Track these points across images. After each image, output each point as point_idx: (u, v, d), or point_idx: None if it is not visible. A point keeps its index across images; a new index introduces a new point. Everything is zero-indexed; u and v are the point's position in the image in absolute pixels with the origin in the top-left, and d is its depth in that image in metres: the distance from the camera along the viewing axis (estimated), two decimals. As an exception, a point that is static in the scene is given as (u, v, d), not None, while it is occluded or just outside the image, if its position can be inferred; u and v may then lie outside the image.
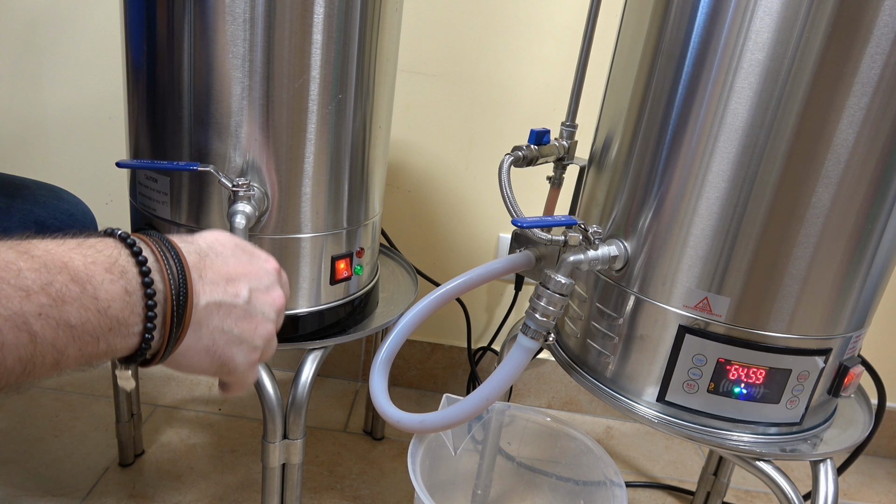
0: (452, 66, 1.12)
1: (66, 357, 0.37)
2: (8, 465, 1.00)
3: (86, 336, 0.38)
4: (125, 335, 0.40)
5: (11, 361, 0.35)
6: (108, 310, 0.39)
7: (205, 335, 0.45)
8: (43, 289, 0.36)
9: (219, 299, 0.46)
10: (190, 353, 0.45)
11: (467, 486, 0.93)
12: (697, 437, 0.66)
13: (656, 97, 0.63)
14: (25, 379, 0.37)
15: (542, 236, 0.71)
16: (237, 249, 0.49)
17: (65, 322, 0.37)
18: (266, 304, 0.49)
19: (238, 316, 0.47)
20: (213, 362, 0.47)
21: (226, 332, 0.47)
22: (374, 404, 0.74)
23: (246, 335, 0.48)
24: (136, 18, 0.69)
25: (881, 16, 0.53)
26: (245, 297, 0.47)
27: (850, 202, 0.58)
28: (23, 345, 0.35)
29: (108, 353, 0.40)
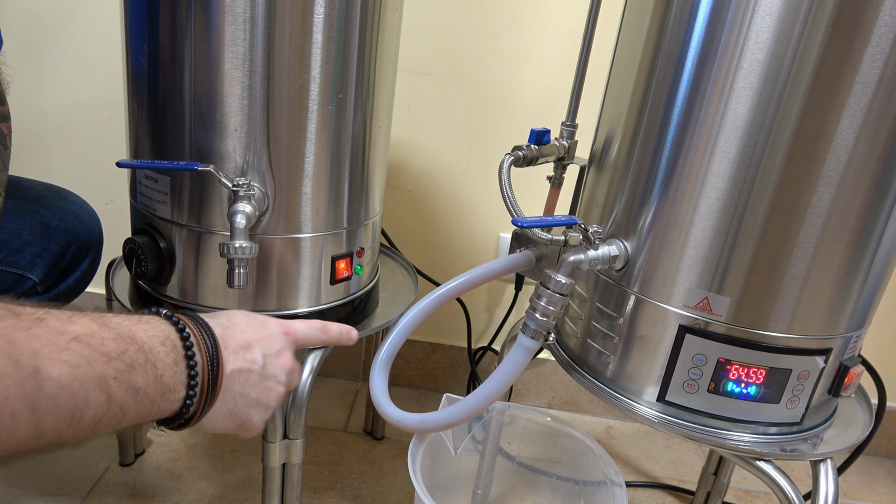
0: (452, 66, 1.12)
1: (125, 418, 0.43)
2: (8, 465, 1.00)
3: (145, 400, 0.44)
4: (171, 401, 0.46)
5: (89, 419, 0.40)
6: (163, 377, 0.45)
7: (228, 400, 0.52)
8: (119, 356, 0.42)
9: (240, 366, 0.52)
10: (216, 416, 0.52)
11: (467, 485, 0.93)
12: (697, 437, 0.66)
13: (656, 97, 0.63)
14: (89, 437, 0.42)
15: (543, 236, 0.71)
16: (249, 319, 0.56)
17: (133, 386, 0.42)
18: (277, 368, 0.56)
19: (254, 381, 0.54)
20: (234, 423, 0.53)
21: (245, 395, 0.53)
22: (375, 404, 0.74)
23: (261, 398, 0.54)
24: (137, 18, 0.69)
25: (881, 16, 0.53)
26: (260, 363, 0.54)
27: (851, 202, 0.58)
28: (101, 404, 0.40)
29: (155, 416, 0.47)
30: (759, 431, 0.67)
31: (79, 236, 0.84)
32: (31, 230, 0.79)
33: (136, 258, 0.74)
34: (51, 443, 0.39)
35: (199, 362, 0.48)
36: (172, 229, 0.73)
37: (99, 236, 0.88)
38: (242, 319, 0.55)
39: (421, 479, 0.71)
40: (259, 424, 0.55)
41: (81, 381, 0.39)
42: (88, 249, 0.86)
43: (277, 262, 0.74)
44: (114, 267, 0.87)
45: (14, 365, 0.36)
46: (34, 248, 0.79)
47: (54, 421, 0.38)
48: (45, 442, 0.38)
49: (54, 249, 0.81)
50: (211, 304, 0.74)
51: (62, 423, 0.38)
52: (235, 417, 0.53)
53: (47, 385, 0.37)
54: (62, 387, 0.38)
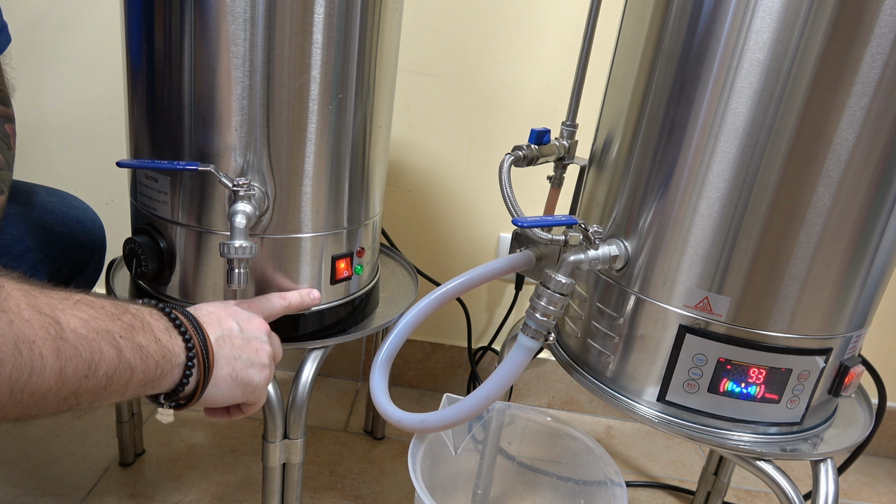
0: (452, 66, 1.12)
1: (134, 378, 0.46)
2: (8, 465, 1.00)
3: (150, 360, 0.47)
4: (173, 364, 0.50)
5: (102, 373, 0.43)
6: (160, 340, 0.49)
7: (224, 364, 0.56)
8: (120, 317, 0.46)
9: (221, 334, 0.57)
10: (220, 381, 0.55)
11: (468, 485, 0.93)
12: (698, 437, 0.66)
13: (656, 97, 0.63)
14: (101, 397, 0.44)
15: (543, 236, 0.71)
16: (211, 303, 0.61)
17: (138, 343, 0.46)
18: (255, 329, 0.61)
19: (240, 344, 0.58)
20: (238, 386, 0.57)
21: (237, 357, 0.57)
22: (375, 404, 0.74)
23: (253, 357, 0.59)
24: (137, 18, 0.69)
25: (881, 16, 0.53)
26: (237, 329, 0.59)
27: (851, 202, 0.58)
28: (112, 358, 0.43)
29: (160, 380, 0.50)
30: (759, 431, 0.67)
31: (82, 242, 0.84)
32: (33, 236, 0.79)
33: (136, 258, 0.74)
34: (70, 394, 0.41)
35: (188, 329, 0.52)
36: (172, 229, 0.73)
37: (102, 241, 0.88)
38: (205, 305, 0.60)
39: (421, 478, 0.71)
40: (262, 384, 0.59)
41: (95, 333, 0.42)
42: (91, 255, 0.86)
43: (277, 262, 0.74)
44: (114, 267, 0.87)
45: (38, 313, 0.39)
46: (37, 253, 0.79)
47: (75, 369, 0.41)
48: (66, 392, 0.41)
49: (57, 255, 0.81)
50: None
51: (80, 373, 0.41)
52: (238, 380, 0.57)
53: (67, 333, 0.40)
54: (80, 336, 0.41)
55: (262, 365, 0.59)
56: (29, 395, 0.39)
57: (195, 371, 0.52)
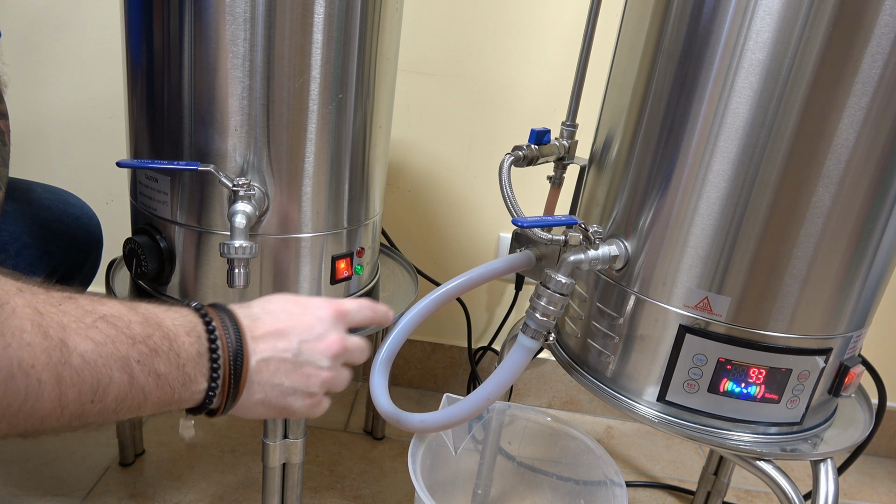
0: (452, 66, 1.12)
1: (147, 402, 0.44)
2: (8, 464, 1.00)
3: (166, 386, 0.44)
4: (193, 391, 0.47)
5: (111, 399, 0.41)
6: (185, 367, 0.45)
7: (257, 391, 0.51)
8: (144, 340, 0.43)
9: (268, 356, 0.51)
10: (248, 405, 0.51)
11: (468, 485, 0.93)
12: (698, 437, 0.66)
13: (656, 97, 0.63)
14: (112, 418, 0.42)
15: (543, 236, 0.71)
16: (288, 304, 0.55)
17: (155, 371, 0.43)
18: (317, 353, 0.53)
19: (287, 369, 0.52)
20: (271, 411, 0.53)
21: (276, 385, 0.52)
22: (375, 404, 0.74)
23: (298, 385, 0.53)
24: (137, 18, 0.69)
25: (881, 16, 0.53)
26: (294, 349, 0.52)
27: (851, 202, 0.58)
28: (123, 385, 0.41)
29: (176, 405, 0.47)
30: (759, 431, 0.67)
31: (79, 238, 0.84)
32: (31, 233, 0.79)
33: (136, 258, 0.74)
34: (74, 417, 0.40)
35: (222, 355, 0.48)
36: (173, 229, 0.73)
37: (99, 239, 0.88)
38: (280, 305, 0.54)
39: (421, 478, 0.71)
40: (302, 410, 0.54)
41: (106, 360, 0.40)
42: (89, 251, 0.86)
43: (278, 262, 0.74)
44: (114, 267, 0.87)
45: (42, 335, 0.37)
46: (34, 251, 0.79)
47: (78, 395, 0.39)
48: (68, 415, 0.39)
49: (55, 252, 0.81)
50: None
51: (85, 398, 0.39)
52: (270, 406, 0.52)
53: (73, 358, 0.38)
54: (87, 362, 0.39)
55: (306, 393, 0.53)
56: (25, 419, 0.37)
57: (216, 399, 0.48)
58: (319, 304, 0.55)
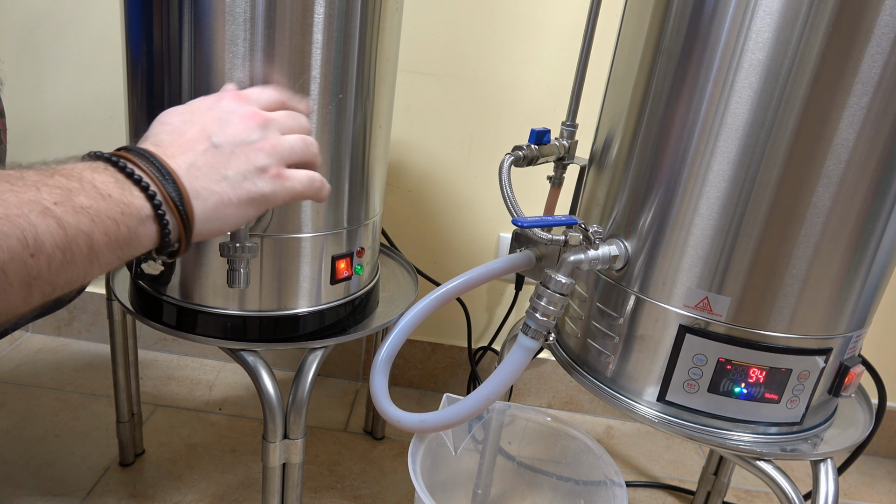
0: (452, 66, 1.12)
1: (96, 242, 0.40)
2: (8, 465, 1.00)
3: (104, 218, 0.41)
4: (139, 218, 0.44)
5: (50, 246, 0.38)
6: (111, 196, 0.42)
7: (207, 195, 0.47)
8: (46, 183, 0.39)
9: (191, 160, 0.48)
10: (213, 213, 0.48)
11: (468, 485, 0.93)
12: (698, 437, 0.66)
13: (656, 97, 0.63)
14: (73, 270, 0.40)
15: (543, 236, 0.71)
16: (180, 115, 0.51)
17: (80, 206, 0.40)
18: (237, 133, 0.50)
19: (221, 161, 0.49)
20: (241, 205, 0.49)
21: (222, 179, 0.48)
22: (375, 404, 0.74)
23: (243, 167, 0.49)
24: (136, 18, 0.69)
25: (882, 15, 0.53)
26: (213, 143, 0.49)
27: (851, 202, 0.58)
28: (54, 230, 0.38)
29: (136, 240, 0.44)
30: (759, 431, 0.67)
31: None
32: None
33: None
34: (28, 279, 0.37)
35: (143, 175, 0.45)
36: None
37: None
38: (174, 119, 0.51)
39: (421, 479, 0.71)
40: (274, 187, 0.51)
41: (16, 209, 0.37)
42: None
43: (277, 261, 0.74)
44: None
45: None
46: None
47: (9, 252, 0.36)
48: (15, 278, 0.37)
49: None
50: (211, 304, 0.74)
51: (20, 254, 0.37)
52: (236, 202, 0.49)
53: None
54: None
55: (258, 168, 0.50)
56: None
57: (170, 219, 0.45)
58: (209, 100, 0.53)
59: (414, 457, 0.74)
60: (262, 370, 0.74)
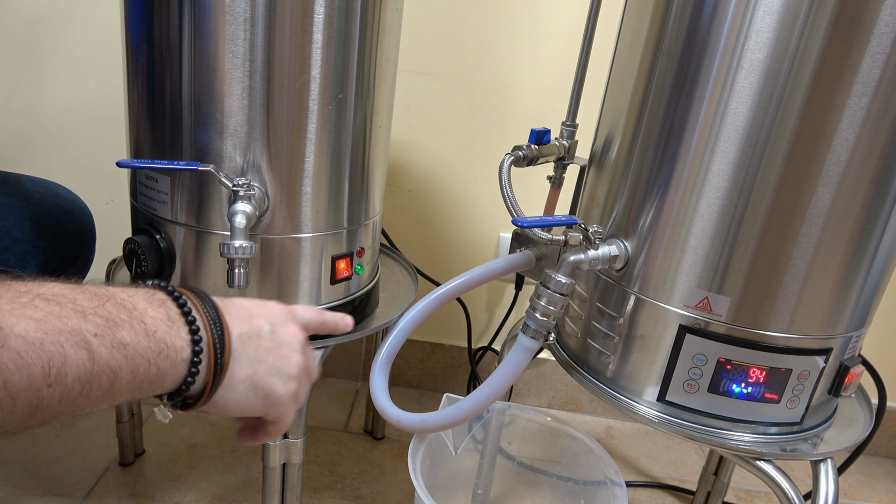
0: (452, 66, 1.12)
1: (119, 380, 0.39)
2: (8, 465, 1.00)
3: (138, 358, 0.40)
4: (174, 361, 0.42)
5: (72, 380, 0.37)
6: (156, 333, 0.41)
7: (245, 365, 0.48)
8: (96, 311, 0.39)
9: (248, 331, 0.48)
10: (235, 383, 0.47)
11: (468, 485, 0.93)
12: (698, 437, 0.66)
13: (656, 97, 0.63)
14: (84, 405, 0.38)
15: (543, 236, 0.71)
16: (247, 298, 0.53)
17: (119, 342, 0.39)
18: (289, 335, 0.52)
19: (267, 347, 0.50)
20: (258, 394, 0.49)
21: (262, 360, 0.49)
22: (375, 404, 0.74)
23: (280, 364, 0.50)
24: (137, 18, 0.69)
25: (881, 15, 0.53)
26: (268, 329, 0.50)
27: (851, 202, 0.58)
28: (83, 362, 0.37)
29: (159, 381, 0.42)
30: (759, 431, 0.67)
31: (70, 232, 0.83)
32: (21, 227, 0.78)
33: (136, 258, 0.74)
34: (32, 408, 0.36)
35: (198, 318, 0.44)
36: (172, 229, 0.73)
37: (91, 231, 0.87)
38: (238, 298, 0.53)
39: (421, 479, 0.71)
40: (285, 397, 0.51)
41: (53, 336, 0.36)
42: (81, 245, 0.85)
43: (277, 261, 0.74)
44: (114, 267, 0.87)
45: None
46: (25, 245, 0.78)
47: (27, 380, 0.35)
48: (24, 406, 0.35)
49: (46, 246, 0.80)
50: (211, 304, 0.74)
51: (39, 384, 0.35)
52: (257, 387, 0.49)
53: (10, 340, 0.35)
54: (30, 342, 0.35)
55: (288, 375, 0.51)
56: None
57: (203, 368, 0.44)
58: (275, 302, 0.54)
59: (414, 457, 0.74)
60: (262, 370, 0.74)
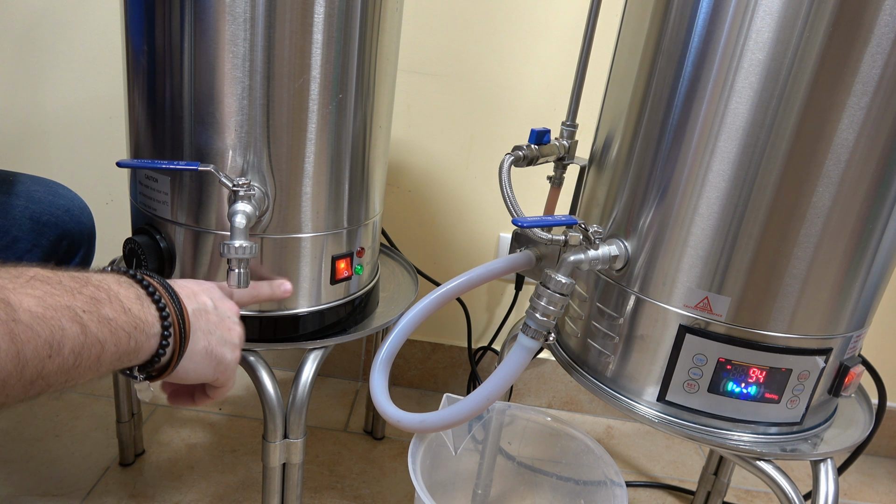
0: (452, 66, 1.12)
1: (105, 352, 0.44)
2: (8, 465, 1.00)
3: (120, 332, 0.45)
4: (148, 335, 0.48)
5: (68, 351, 0.41)
6: (131, 310, 0.47)
7: (201, 338, 0.54)
8: (81, 290, 0.43)
9: (197, 307, 0.55)
10: (195, 354, 0.54)
11: (468, 485, 0.93)
12: (698, 437, 0.66)
13: (656, 97, 0.63)
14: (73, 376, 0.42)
15: (543, 236, 0.71)
16: (184, 279, 0.59)
17: (104, 317, 0.44)
18: (227, 310, 0.59)
19: (214, 320, 0.57)
20: (211, 362, 0.56)
21: (212, 333, 0.56)
22: (375, 404, 0.74)
23: (226, 335, 0.57)
24: (137, 18, 0.69)
25: (881, 15, 0.53)
26: (210, 304, 0.57)
27: (851, 202, 0.58)
28: (77, 335, 0.41)
29: (135, 353, 0.48)
30: (759, 431, 0.67)
31: (70, 230, 0.83)
32: (21, 225, 0.78)
33: (136, 258, 0.74)
34: (35, 377, 0.39)
35: (163, 297, 0.50)
36: (172, 229, 0.73)
37: (91, 229, 0.87)
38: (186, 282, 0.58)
39: (421, 479, 0.71)
40: (233, 364, 0.58)
41: (53, 311, 0.40)
42: (80, 243, 0.85)
43: (277, 262, 0.74)
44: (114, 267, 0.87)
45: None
46: (25, 243, 0.78)
47: (35, 350, 0.39)
48: (29, 375, 0.39)
49: (46, 244, 0.80)
50: (211, 304, 0.74)
51: (42, 353, 0.39)
52: (212, 355, 0.55)
53: (20, 314, 0.38)
54: (35, 316, 0.39)
55: (233, 344, 0.58)
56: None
57: (171, 341, 0.50)
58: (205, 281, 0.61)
59: (414, 457, 0.74)
60: (262, 370, 0.74)
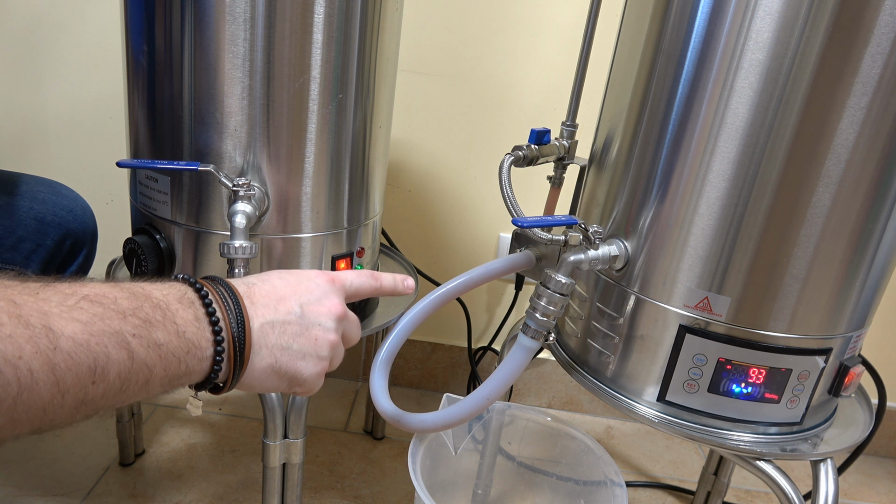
0: (452, 66, 1.12)
1: (154, 377, 0.42)
2: (8, 465, 1.00)
3: (170, 356, 0.43)
4: (199, 358, 0.45)
5: (113, 377, 0.40)
6: (185, 333, 0.44)
7: (266, 355, 0.49)
8: (134, 312, 0.41)
9: (272, 319, 0.50)
10: (256, 373, 0.49)
11: (468, 485, 0.93)
12: (698, 437, 0.66)
13: (656, 97, 0.63)
14: (122, 399, 0.41)
15: (543, 236, 0.71)
16: (284, 275, 0.54)
17: (154, 342, 0.42)
18: (321, 315, 0.52)
19: (294, 332, 0.51)
20: (281, 378, 0.51)
21: (286, 348, 0.50)
22: (375, 404, 0.74)
23: (307, 348, 0.51)
24: (137, 18, 0.69)
25: (881, 15, 0.53)
26: (297, 313, 0.51)
27: (851, 202, 0.58)
28: (123, 361, 0.40)
29: (187, 376, 0.46)
30: (759, 431, 0.67)
31: (73, 230, 0.84)
32: (25, 226, 0.79)
33: (136, 258, 0.74)
34: (78, 403, 0.38)
35: (221, 318, 0.46)
36: (172, 229, 0.73)
37: (93, 229, 0.88)
38: (275, 277, 0.53)
39: (421, 479, 0.71)
40: (313, 378, 0.53)
41: (98, 337, 0.39)
42: (83, 243, 0.86)
43: (277, 262, 0.74)
44: (114, 267, 0.87)
45: (24, 325, 0.36)
46: (29, 244, 0.79)
47: (76, 378, 0.38)
48: (72, 402, 0.38)
49: (49, 245, 0.81)
50: (211, 304, 0.74)
51: (85, 381, 0.38)
52: (281, 373, 0.51)
53: (61, 342, 0.37)
54: (78, 343, 0.38)
55: (317, 356, 0.52)
56: (25, 412, 0.36)
57: (224, 365, 0.47)
58: (314, 273, 0.55)
59: (414, 457, 0.74)
60: (262, 370, 0.74)
